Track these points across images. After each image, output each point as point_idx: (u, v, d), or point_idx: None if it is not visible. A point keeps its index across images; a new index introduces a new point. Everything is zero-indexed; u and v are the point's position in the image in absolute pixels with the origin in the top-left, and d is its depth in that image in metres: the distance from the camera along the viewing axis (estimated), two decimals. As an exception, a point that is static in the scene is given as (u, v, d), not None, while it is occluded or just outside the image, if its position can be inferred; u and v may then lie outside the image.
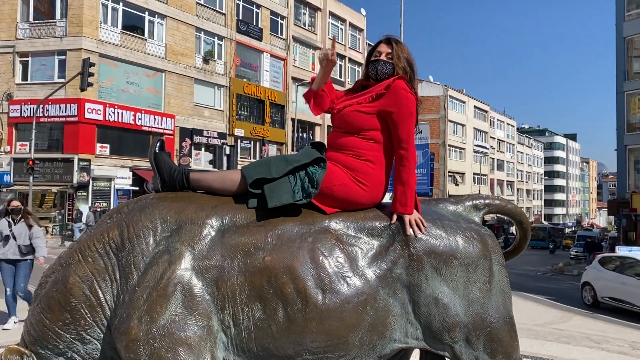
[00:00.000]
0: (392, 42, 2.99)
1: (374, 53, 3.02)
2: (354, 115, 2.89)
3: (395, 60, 2.94)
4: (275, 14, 39.23)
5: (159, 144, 2.98)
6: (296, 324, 2.57)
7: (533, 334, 8.51)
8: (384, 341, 2.68)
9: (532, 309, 12.32)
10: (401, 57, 2.95)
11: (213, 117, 34.47)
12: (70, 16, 27.67)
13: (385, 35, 3.05)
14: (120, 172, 28.92)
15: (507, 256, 3.30)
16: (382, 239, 2.78)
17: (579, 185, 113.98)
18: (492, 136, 73.72)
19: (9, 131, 28.12)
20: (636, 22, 30.95)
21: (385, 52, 2.97)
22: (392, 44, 2.98)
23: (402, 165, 2.84)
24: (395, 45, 2.97)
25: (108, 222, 2.83)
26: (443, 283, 2.73)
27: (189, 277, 2.57)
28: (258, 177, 2.74)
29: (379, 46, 3.01)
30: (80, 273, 2.70)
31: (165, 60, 31.45)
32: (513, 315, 2.89)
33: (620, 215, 31.49)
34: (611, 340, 8.56)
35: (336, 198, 2.82)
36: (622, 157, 31.54)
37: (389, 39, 3.01)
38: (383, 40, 3.03)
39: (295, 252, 2.64)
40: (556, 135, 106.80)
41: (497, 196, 3.38)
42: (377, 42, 3.05)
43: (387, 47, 2.98)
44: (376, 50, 3.02)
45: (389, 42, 2.99)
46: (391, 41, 3.00)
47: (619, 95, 31.73)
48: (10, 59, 28.13)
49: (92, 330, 2.68)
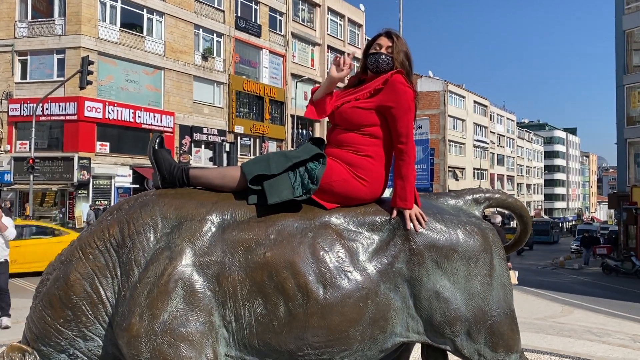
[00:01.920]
0: (393, 36, 2.98)
1: (373, 45, 3.01)
2: (353, 111, 2.88)
3: (395, 55, 2.93)
4: (273, 10, 39.14)
5: (158, 141, 2.97)
6: (297, 319, 2.57)
7: (534, 327, 8.51)
8: (386, 335, 2.69)
9: (533, 302, 12.33)
10: (400, 52, 2.94)
11: (212, 114, 34.44)
12: (68, 14, 27.61)
13: (385, 29, 3.04)
14: (120, 170, 28.91)
15: (507, 250, 3.30)
16: (382, 234, 2.78)
17: (579, 179, 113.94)
18: (492, 131, 73.64)
19: (8, 130, 28.10)
20: (636, 15, 30.87)
21: (386, 45, 2.96)
22: (393, 38, 2.97)
23: (402, 159, 2.84)
24: (396, 39, 2.97)
25: (108, 219, 2.83)
26: (444, 277, 2.73)
27: (190, 273, 2.58)
28: (258, 174, 2.74)
29: (379, 39, 3.00)
30: (81, 270, 2.70)
31: (164, 57, 31.40)
32: (514, 309, 2.89)
33: (620, 209, 31.46)
34: (612, 333, 8.57)
35: (336, 193, 2.82)
36: (622, 150, 31.50)
37: (389, 33, 3.00)
38: (383, 33, 3.02)
39: (296, 248, 2.64)
40: (556, 129, 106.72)
41: (497, 190, 3.37)
42: (377, 34, 3.04)
43: (388, 40, 2.97)
44: (376, 42, 3.00)
45: (390, 35, 2.99)
46: (392, 35, 2.99)
47: (618, 88, 31.67)
48: (9, 57, 28.08)
49: (93, 327, 2.69)
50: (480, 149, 67.38)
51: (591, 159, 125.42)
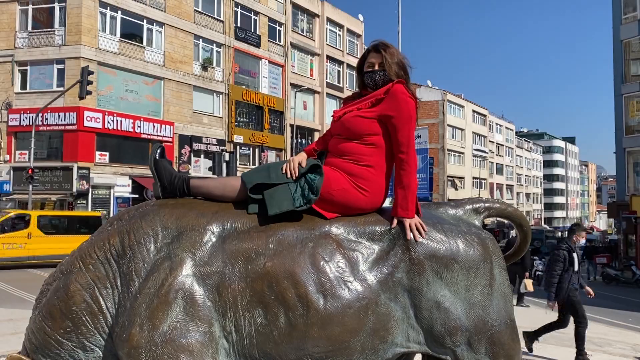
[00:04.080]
0: (381, 50, 2.95)
1: (365, 64, 3.01)
2: (355, 120, 2.89)
3: (387, 69, 2.92)
4: (273, 20, 39.34)
5: (159, 151, 2.98)
6: (298, 330, 2.57)
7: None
8: (386, 346, 2.68)
9: (533, 312, 12.29)
10: (392, 64, 2.92)
11: (212, 124, 34.50)
12: (68, 25, 27.74)
13: (373, 43, 3.02)
14: (119, 179, 28.91)
15: (507, 259, 3.30)
16: (382, 244, 2.78)
17: (578, 188, 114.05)
18: (491, 140, 73.82)
19: (8, 140, 28.13)
20: (633, 25, 31.07)
21: (377, 62, 2.95)
22: (381, 52, 2.94)
23: (403, 169, 2.84)
24: (384, 53, 2.93)
25: (109, 229, 2.83)
26: (444, 287, 2.73)
27: (190, 284, 2.57)
28: (258, 182, 2.75)
29: (369, 56, 3.00)
30: (81, 280, 2.70)
31: (164, 67, 31.51)
32: (515, 319, 2.89)
33: (620, 218, 31.48)
34: (613, 343, 8.54)
35: (336, 203, 2.82)
36: (621, 159, 31.58)
37: (376, 47, 2.98)
38: (371, 48, 3.00)
39: (296, 258, 2.64)
40: (555, 138, 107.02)
41: (497, 199, 3.38)
42: (366, 51, 3.04)
43: (377, 55, 2.96)
44: (367, 61, 3.00)
45: (378, 50, 2.96)
46: (379, 49, 2.96)
47: (617, 98, 31.81)
48: (9, 68, 28.18)
49: (93, 338, 2.68)
50: (480, 158, 67.49)
51: (590, 168, 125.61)
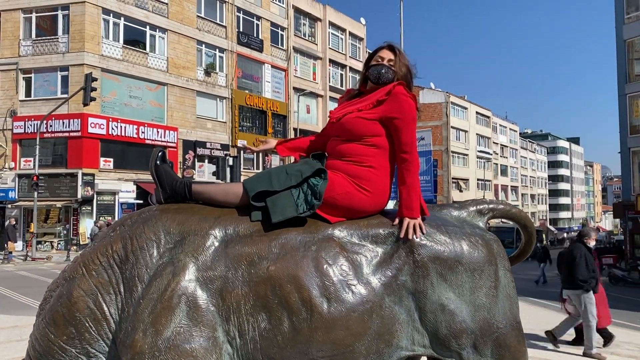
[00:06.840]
0: (395, 50, 3.02)
1: (374, 57, 3.04)
2: (356, 121, 2.88)
3: (397, 68, 2.97)
4: (275, 25, 39.43)
5: (160, 155, 2.95)
6: (302, 334, 2.55)
7: (541, 338, 8.43)
8: (391, 349, 2.66)
9: (539, 314, 12.22)
10: (403, 65, 2.99)
11: (216, 128, 34.57)
12: (72, 32, 27.88)
13: (387, 42, 3.08)
14: (124, 185, 28.98)
15: (512, 261, 3.28)
16: (386, 246, 2.77)
17: (583, 188, 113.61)
18: (494, 141, 73.62)
19: (13, 147, 28.25)
20: (636, 24, 30.97)
21: (388, 58, 3.00)
22: (395, 51, 3.02)
23: (406, 169, 2.84)
24: (398, 53, 3.02)
25: (111, 235, 2.82)
26: (449, 289, 2.71)
27: (193, 289, 2.56)
28: (260, 190, 2.73)
29: (381, 51, 3.04)
30: (84, 287, 2.69)
31: (167, 73, 31.61)
32: (520, 320, 2.87)
33: (626, 218, 31.32)
34: (620, 344, 8.47)
35: (340, 207, 2.81)
36: (626, 159, 31.43)
37: (391, 46, 3.04)
38: (385, 46, 3.05)
39: (299, 261, 2.63)
40: (559, 139, 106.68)
41: (501, 200, 3.36)
42: (379, 47, 3.07)
43: (390, 53, 3.01)
44: (377, 55, 3.03)
45: (392, 49, 3.03)
46: (394, 48, 3.03)
47: (621, 97, 31.69)
48: (13, 75, 28.33)
49: (97, 344, 2.67)
50: (484, 159, 67.32)
51: (595, 168, 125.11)
